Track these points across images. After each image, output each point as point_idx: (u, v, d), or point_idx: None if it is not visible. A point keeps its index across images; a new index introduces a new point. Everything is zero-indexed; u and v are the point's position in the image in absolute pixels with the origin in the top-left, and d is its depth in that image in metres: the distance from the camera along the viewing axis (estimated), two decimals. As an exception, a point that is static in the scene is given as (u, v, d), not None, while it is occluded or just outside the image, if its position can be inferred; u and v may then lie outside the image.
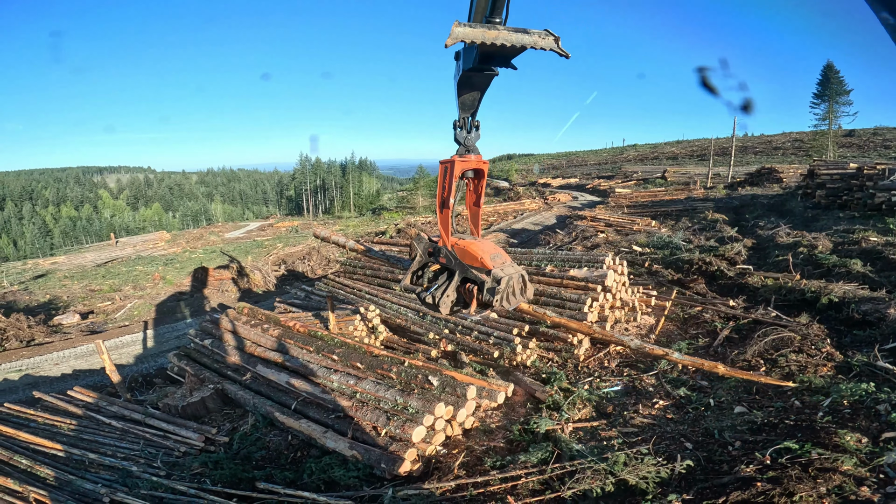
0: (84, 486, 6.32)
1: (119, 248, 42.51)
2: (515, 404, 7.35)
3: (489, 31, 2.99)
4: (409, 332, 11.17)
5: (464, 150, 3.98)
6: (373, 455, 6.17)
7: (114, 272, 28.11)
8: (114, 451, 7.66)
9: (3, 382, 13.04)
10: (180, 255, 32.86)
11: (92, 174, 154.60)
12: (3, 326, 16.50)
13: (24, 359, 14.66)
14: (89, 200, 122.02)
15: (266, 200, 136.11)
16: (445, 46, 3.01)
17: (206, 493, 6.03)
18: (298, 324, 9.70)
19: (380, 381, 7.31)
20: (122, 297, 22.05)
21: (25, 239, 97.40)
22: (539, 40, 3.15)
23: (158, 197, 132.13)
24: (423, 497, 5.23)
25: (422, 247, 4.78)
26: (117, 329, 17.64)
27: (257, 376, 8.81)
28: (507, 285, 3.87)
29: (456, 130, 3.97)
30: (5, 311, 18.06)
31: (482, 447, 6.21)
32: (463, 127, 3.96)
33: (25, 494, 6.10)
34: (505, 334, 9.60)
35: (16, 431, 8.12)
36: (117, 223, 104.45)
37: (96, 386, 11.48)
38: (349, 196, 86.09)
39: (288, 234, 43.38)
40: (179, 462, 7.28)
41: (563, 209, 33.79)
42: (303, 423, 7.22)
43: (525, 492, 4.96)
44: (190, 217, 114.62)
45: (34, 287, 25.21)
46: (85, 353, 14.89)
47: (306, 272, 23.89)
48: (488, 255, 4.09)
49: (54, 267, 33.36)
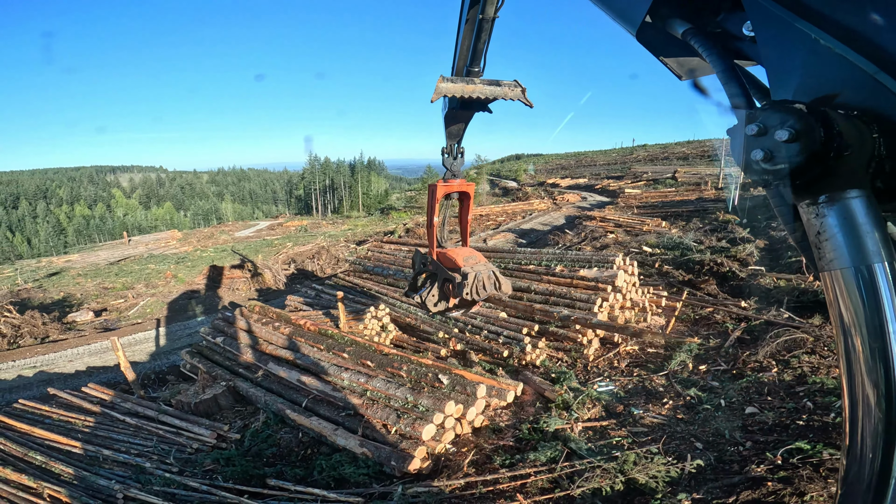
0: (98, 482, 6.41)
1: (132, 247, 42.96)
2: (525, 403, 7.36)
3: (467, 85, 3.61)
4: (419, 331, 11.21)
5: (450, 175, 4.53)
6: (383, 452, 6.21)
7: (126, 270, 28.42)
8: (127, 447, 7.77)
9: (18, 379, 13.25)
10: (191, 254, 33.14)
11: (105, 173, 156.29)
12: (17, 323, 16.78)
13: (39, 355, 14.88)
14: (102, 199, 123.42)
15: (276, 200, 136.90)
16: (431, 101, 3.58)
17: (217, 490, 6.11)
18: (309, 322, 9.77)
19: (390, 380, 7.36)
20: (134, 295, 22.31)
21: (40, 237, 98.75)
22: (509, 91, 3.78)
23: (170, 196, 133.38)
24: (432, 494, 5.27)
25: (418, 259, 5.54)
26: (130, 326, 17.86)
27: (269, 374, 8.89)
28: (476, 279, 4.54)
29: (443, 156, 4.52)
30: (20, 309, 18.36)
31: (491, 445, 6.23)
32: (450, 153, 4.51)
33: (40, 490, 6.20)
34: (514, 334, 9.61)
35: (31, 428, 8.25)
36: (130, 222, 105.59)
37: (110, 383, 11.63)
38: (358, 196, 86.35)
39: (297, 233, 43.60)
40: (192, 459, 7.37)
41: (571, 209, 33.64)
42: (313, 421, 7.28)
43: (534, 490, 4.98)
44: (201, 216, 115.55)
45: (48, 285, 25.55)
46: (98, 350, 15.10)
47: (315, 271, 24.02)
48: (462, 257, 4.76)
49: (68, 265, 33.81)
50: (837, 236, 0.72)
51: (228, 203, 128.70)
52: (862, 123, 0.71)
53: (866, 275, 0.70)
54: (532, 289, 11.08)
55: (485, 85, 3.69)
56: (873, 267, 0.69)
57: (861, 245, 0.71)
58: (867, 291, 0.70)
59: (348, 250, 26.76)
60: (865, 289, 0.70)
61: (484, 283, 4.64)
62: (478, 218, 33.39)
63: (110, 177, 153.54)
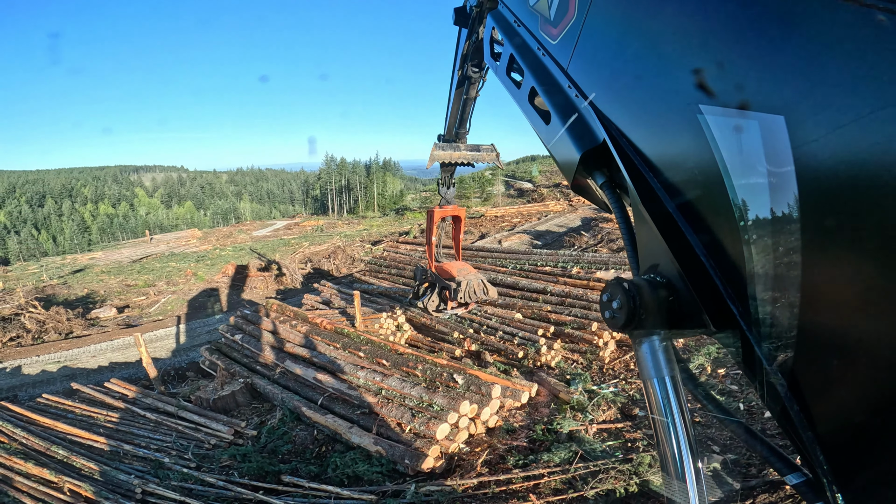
0: (118, 476, 6.52)
1: (154, 245, 43.80)
2: (539, 404, 7.34)
3: (454, 153, 4.92)
4: (434, 330, 11.23)
5: (444, 202, 5.72)
6: (397, 451, 6.25)
7: (148, 268, 28.98)
8: (147, 442, 7.92)
9: (42, 374, 13.56)
10: (210, 252, 33.65)
11: (129, 173, 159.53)
12: (42, 319, 17.21)
13: (63, 351, 15.22)
14: (126, 198, 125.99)
15: (292, 200, 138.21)
16: (427, 168, 4.79)
17: (233, 486, 6.20)
18: (325, 321, 9.87)
19: (405, 379, 7.40)
20: (156, 292, 22.74)
21: (65, 235, 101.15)
22: (486, 156, 5.12)
23: (191, 195, 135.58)
24: (445, 493, 5.29)
25: (419, 272, 6.89)
26: (152, 323, 18.20)
27: (286, 371, 9.00)
28: (468, 286, 5.81)
29: (439, 187, 5.72)
30: (45, 305, 18.82)
31: (505, 446, 6.23)
32: (444, 184, 5.69)
33: (61, 485, 6.32)
34: (530, 335, 9.58)
35: (54, 422, 8.42)
36: (152, 220, 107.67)
37: (131, 378, 11.86)
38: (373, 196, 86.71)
39: (313, 232, 43.98)
40: (209, 454, 7.49)
41: (587, 211, 33.38)
42: (329, 419, 7.36)
43: (547, 490, 4.97)
44: (220, 215, 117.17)
45: (73, 281, 26.17)
46: (121, 346, 15.41)
47: (331, 270, 24.19)
48: (456, 269, 5.98)
49: (92, 262, 34.61)
50: (645, 359, 1.11)
51: (246, 202, 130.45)
52: (664, 290, 1.06)
53: (661, 382, 1.08)
54: (548, 290, 11.04)
55: (467, 151, 4.97)
56: (665, 378, 1.08)
57: (658, 365, 1.09)
58: (661, 391, 1.09)
59: (363, 250, 26.91)
60: (661, 389, 1.09)
61: (475, 289, 5.87)
62: (493, 219, 33.33)
63: (133, 176, 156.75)
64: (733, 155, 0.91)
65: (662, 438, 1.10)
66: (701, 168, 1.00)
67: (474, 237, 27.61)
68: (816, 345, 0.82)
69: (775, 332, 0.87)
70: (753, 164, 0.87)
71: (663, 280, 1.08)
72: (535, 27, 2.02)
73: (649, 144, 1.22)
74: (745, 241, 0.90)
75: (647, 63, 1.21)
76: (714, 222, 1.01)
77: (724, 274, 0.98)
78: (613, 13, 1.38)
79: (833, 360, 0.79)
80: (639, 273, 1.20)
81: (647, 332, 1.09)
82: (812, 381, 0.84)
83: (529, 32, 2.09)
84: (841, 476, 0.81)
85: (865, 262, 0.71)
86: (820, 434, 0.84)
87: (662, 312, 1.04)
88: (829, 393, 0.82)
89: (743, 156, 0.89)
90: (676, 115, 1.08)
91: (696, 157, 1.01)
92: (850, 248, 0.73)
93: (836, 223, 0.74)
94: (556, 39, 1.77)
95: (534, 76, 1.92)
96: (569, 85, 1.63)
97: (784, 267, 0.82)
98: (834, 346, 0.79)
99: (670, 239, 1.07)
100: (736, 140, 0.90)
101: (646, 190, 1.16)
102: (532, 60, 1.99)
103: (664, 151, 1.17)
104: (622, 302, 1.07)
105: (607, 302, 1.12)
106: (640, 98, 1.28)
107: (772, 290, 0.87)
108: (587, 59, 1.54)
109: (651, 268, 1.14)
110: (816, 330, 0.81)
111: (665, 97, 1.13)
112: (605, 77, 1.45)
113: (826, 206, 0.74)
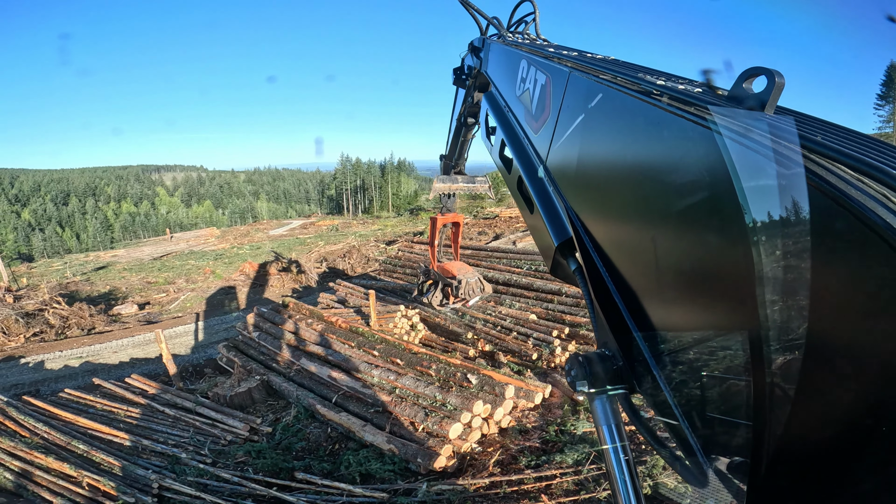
0: (136, 471, 6.63)
1: (174, 243, 44.54)
2: (552, 405, 7.31)
3: (453, 185, 5.84)
4: (448, 330, 11.25)
5: (445, 210, 6.58)
6: (409, 450, 6.28)
7: (168, 265, 29.51)
8: (165, 437, 8.06)
9: (64, 369, 13.87)
10: (228, 251, 34.13)
11: (150, 172, 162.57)
12: (66, 315, 17.60)
13: (85, 346, 15.56)
14: (147, 197, 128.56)
15: (308, 199, 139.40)
16: (429, 199, 7.04)
17: (247, 482, 6.29)
18: (340, 319, 9.95)
19: (419, 378, 7.43)
20: (175, 290, 23.14)
21: (88, 233, 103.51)
22: (479, 187, 5.97)
23: (210, 195, 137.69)
24: (456, 492, 5.30)
25: (422, 272, 7.63)
26: (171, 320, 18.53)
27: (301, 369, 9.10)
28: (467, 284, 6.64)
29: (441, 198, 6.48)
30: (69, 301, 19.26)
31: (517, 446, 6.22)
32: (445, 195, 6.45)
33: (80, 479, 6.45)
34: (544, 336, 9.54)
35: (75, 417, 8.58)
36: (172, 219, 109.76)
37: (151, 374, 12.08)
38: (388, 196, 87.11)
39: (328, 232, 44.32)
40: (225, 450, 7.61)
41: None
42: (342, 416, 7.42)
43: (559, 491, 4.96)
44: (237, 214, 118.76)
45: (95, 278, 26.75)
46: (142, 342, 15.72)
47: (346, 269, 24.36)
48: (456, 268, 6.83)
49: (114, 259, 35.34)
50: (597, 410, 1.27)
51: (263, 202, 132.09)
52: (610, 359, 1.29)
53: (608, 428, 1.24)
54: (563, 291, 10.98)
55: (464, 182, 5.84)
56: (612, 427, 1.24)
57: (607, 419, 1.25)
58: (609, 435, 1.24)
59: (378, 249, 27.05)
60: (608, 434, 1.24)
61: (473, 287, 6.68)
62: (507, 220, 33.25)
63: (155, 175, 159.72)
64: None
65: (611, 471, 1.26)
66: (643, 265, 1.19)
67: (489, 238, 27.57)
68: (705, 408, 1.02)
69: (681, 392, 1.07)
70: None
71: (609, 353, 1.32)
72: (521, 116, 2.12)
73: (601, 243, 1.40)
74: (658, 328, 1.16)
75: (599, 171, 1.40)
76: (646, 314, 1.21)
77: (652, 350, 1.19)
78: (574, 121, 1.52)
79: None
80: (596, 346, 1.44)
81: (598, 391, 1.29)
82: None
83: (517, 120, 2.18)
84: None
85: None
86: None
87: (608, 377, 1.28)
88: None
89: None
90: (615, 221, 1.32)
91: (639, 258, 1.20)
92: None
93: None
94: (538, 133, 1.87)
95: (521, 165, 2.02)
96: (548, 179, 1.76)
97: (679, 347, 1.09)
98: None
99: (612, 323, 1.30)
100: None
101: (599, 282, 1.36)
102: (519, 149, 2.08)
103: (610, 251, 1.36)
104: (577, 374, 1.29)
105: (568, 371, 1.32)
106: (594, 200, 1.47)
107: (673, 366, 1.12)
108: (560, 158, 1.66)
109: (602, 343, 1.38)
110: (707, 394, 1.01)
111: (605, 206, 1.37)
112: (570, 175, 1.59)
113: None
